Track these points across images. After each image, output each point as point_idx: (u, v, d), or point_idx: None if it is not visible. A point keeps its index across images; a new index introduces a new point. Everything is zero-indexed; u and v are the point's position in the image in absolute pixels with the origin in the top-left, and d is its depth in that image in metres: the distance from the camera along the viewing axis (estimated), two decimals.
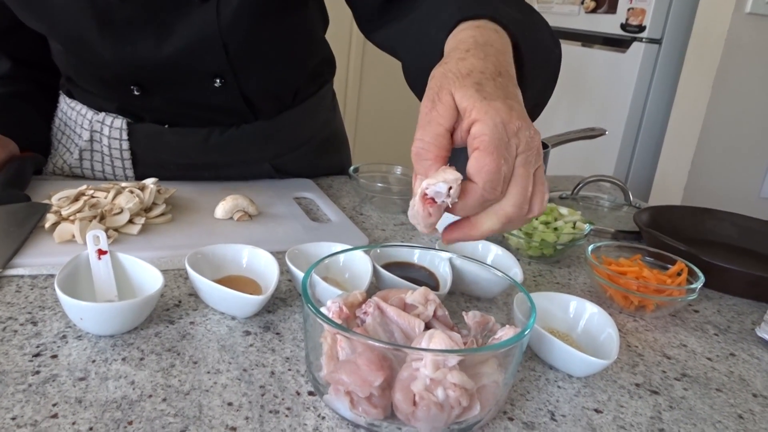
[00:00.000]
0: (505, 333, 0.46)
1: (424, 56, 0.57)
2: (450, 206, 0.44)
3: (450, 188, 0.42)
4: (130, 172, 0.90)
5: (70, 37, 0.79)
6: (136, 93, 0.83)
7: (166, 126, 0.88)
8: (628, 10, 2.41)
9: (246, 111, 0.90)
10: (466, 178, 0.43)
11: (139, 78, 0.82)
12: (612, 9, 2.49)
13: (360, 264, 0.60)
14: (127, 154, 0.88)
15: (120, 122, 0.87)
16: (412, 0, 0.68)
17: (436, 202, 0.43)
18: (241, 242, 0.64)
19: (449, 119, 0.44)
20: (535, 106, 0.61)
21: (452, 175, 0.42)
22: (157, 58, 0.78)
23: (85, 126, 0.89)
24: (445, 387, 0.40)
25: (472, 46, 0.48)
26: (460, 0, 0.57)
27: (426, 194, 0.43)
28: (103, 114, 0.87)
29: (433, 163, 0.44)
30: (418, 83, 0.60)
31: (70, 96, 0.92)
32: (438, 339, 0.42)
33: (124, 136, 0.87)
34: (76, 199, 0.72)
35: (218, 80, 0.83)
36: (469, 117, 0.43)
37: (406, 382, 0.41)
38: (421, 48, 0.60)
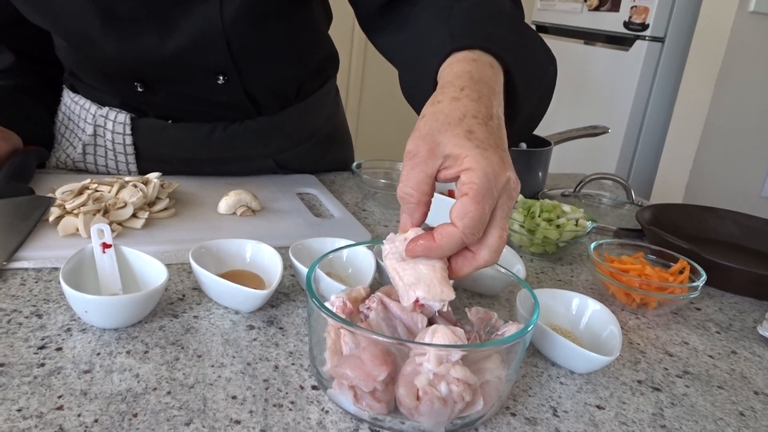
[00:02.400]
0: (508, 329, 0.46)
1: (417, 79, 0.58)
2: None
3: (444, 305, 0.45)
4: (133, 167, 0.90)
5: (73, 32, 0.79)
6: (139, 89, 0.83)
7: (170, 121, 0.89)
8: (631, 8, 2.41)
9: (249, 107, 0.90)
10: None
11: (142, 74, 0.82)
12: (615, 7, 2.49)
13: (363, 259, 0.60)
14: (130, 149, 0.89)
15: (123, 117, 0.87)
16: (411, 5, 0.68)
17: (423, 306, 0.46)
18: (245, 237, 0.64)
19: (433, 167, 0.45)
20: (529, 120, 0.61)
21: (448, 295, 0.45)
22: (160, 55, 0.78)
23: (89, 120, 0.89)
24: (449, 382, 0.40)
25: (467, 83, 0.49)
26: (453, 23, 0.57)
27: (419, 301, 0.45)
28: (106, 108, 0.87)
29: (416, 206, 0.46)
30: (411, 99, 0.61)
31: (74, 90, 0.92)
32: (441, 334, 0.43)
33: (128, 130, 0.87)
34: (80, 192, 0.72)
35: (221, 77, 0.83)
36: (461, 165, 0.44)
37: (410, 377, 0.41)
38: (414, 69, 0.61)
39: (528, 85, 0.56)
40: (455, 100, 0.47)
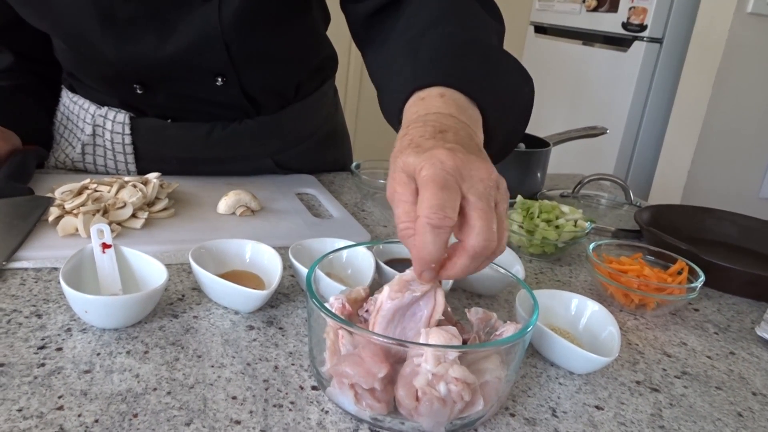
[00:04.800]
0: (506, 329, 0.46)
1: (388, 112, 0.60)
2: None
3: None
4: (132, 167, 0.90)
5: (72, 34, 0.79)
6: (138, 91, 0.83)
7: (169, 121, 0.89)
8: (630, 9, 2.41)
9: (248, 107, 0.90)
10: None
11: (141, 76, 0.82)
12: (613, 8, 2.49)
13: (363, 260, 0.60)
14: (129, 149, 0.89)
15: (123, 117, 0.87)
16: (394, 20, 0.68)
17: None
18: (244, 237, 0.64)
19: (410, 193, 0.44)
20: (505, 144, 0.61)
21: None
22: (159, 57, 0.78)
23: (88, 120, 0.89)
24: (447, 381, 0.40)
25: (412, 121, 0.50)
26: (420, 58, 0.57)
27: None
28: (105, 108, 0.87)
29: (416, 239, 0.44)
30: (387, 119, 0.62)
31: (73, 90, 0.92)
32: (435, 335, 0.43)
33: (127, 130, 0.87)
34: (80, 192, 0.72)
35: (220, 79, 0.83)
36: (418, 174, 0.44)
37: (409, 378, 0.41)
38: (385, 102, 0.62)
39: (499, 113, 0.56)
40: (403, 136, 0.48)
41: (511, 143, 0.63)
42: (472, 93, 0.53)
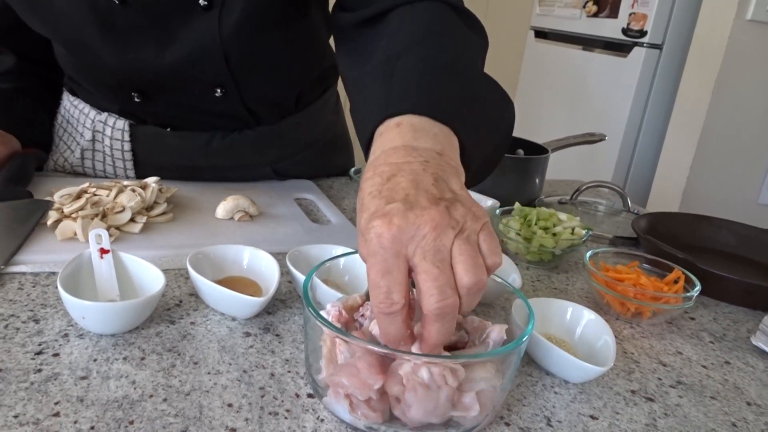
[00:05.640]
0: (492, 330, 0.47)
1: (358, 132, 0.58)
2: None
3: None
4: (131, 173, 0.91)
5: (72, 40, 0.79)
6: (136, 100, 0.83)
7: (169, 129, 0.89)
8: (630, 14, 2.42)
9: (248, 117, 0.90)
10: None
11: (140, 85, 0.82)
12: (613, 13, 2.50)
13: (360, 267, 0.60)
14: (128, 155, 0.89)
15: (122, 123, 0.87)
16: (376, 37, 0.67)
17: None
18: (242, 243, 0.64)
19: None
20: (484, 167, 0.60)
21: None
22: (158, 66, 0.78)
23: (88, 125, 0.89)
24: (428, 366, 0.40)
25: (367, 168, 0.48)
26: (393, 84, 0.55)
27: None
28: (105, 114, 0.88)
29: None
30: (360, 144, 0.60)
31: (74, 94, 0.92)
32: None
33: (126, 137, 0.88)
34: (79, 196, 0.72)
35: (219, 90, 0.83)
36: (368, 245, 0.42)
37: (396, 368, 0.41)
38: (357, 124, 0.60)
39: (476, 137, 0.54)
40: (361, 190, 0.46)
41: (489, 167, 0.62)
42: (445, 118, 0.51)
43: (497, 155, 0.63)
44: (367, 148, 0.54)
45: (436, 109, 0.52)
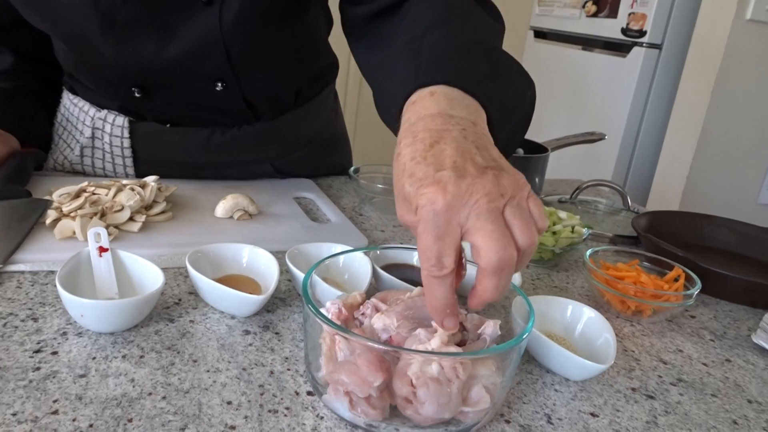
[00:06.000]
0: (487, 326, 0.47)
1: (385, 112, 0.59)
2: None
3: None
4: (130, 170, 0.90)
5: (72, 36, 0.79)
6: (137, 95, 0.83)
7: (168, 125, 0.89)
8: (629, 14, 2.42)
9: (247, 113, 0.90)
10: None
11: (140, 80, 0.82)
12: (613, 13, 2.50)
13: (360, 265, 0.60)
14: (128, 152, 0.89)
15: (122, 120, 0.87)
16: (393, 24, 0.68)
17: None
18: (241, 241, 0.64)
19: (414, 218, 0.44)
20: (506, 147, 0.60)
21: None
22: (159, 61, 0.78)
23: (87, 123, 0.89)
24: (438, 360, 0.40)
25: (403, 135, 0.48)
26: (422, 58, 0.56)
27: None
28: (105, 111, 0.88)
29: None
30: (386, 123, 0.61)
31: (73, 92, 0.92)
32: (424, 338, 0.43)
33: (126, 134, 0.88)
34: (77, 195, 0.72)
35: (220, 84, 0.83)
36: (415, 211, 0.43)
37: (403, 370, 0.41)
38: (384, 100, 0.60)
39: (503, 114, 0.55)
40: (398, 155, 0.47)
41: (510, 147, 0.62)
42: (476, 91, 0.52)
43: (519, 135, 0.63)
44: (396, 120, 0.54)
45: (467, 81, 0.52)
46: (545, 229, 0.45)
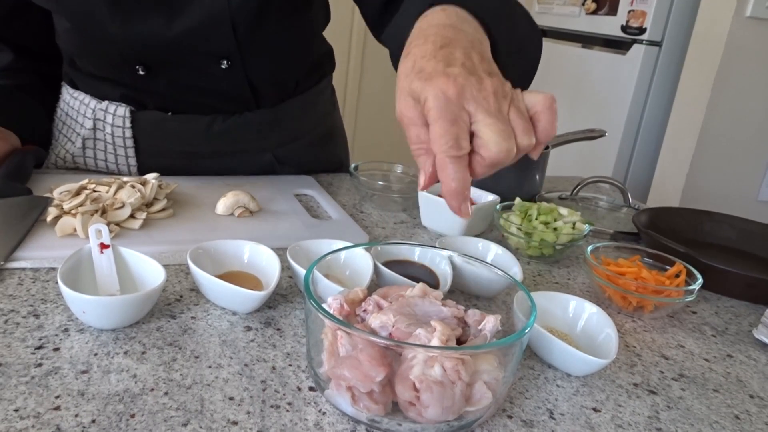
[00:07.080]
0: (488, 321, 0.47)
1: (397, 44, 0.60)
2: None
3: None
4: (132, 161, 0.90)
5: (78, 12, 0.78)
6: (141, 73, 0.83)
7: (169, 113, 0.89)
8: (629, 12, 2.42)
9: (249, 97, 0.90)
10: None
11: (145, 57, 0.82)
12: (613, 11, 2.50)
13: (361, 261, 0.60)
14: (130, 143, 0.89)
15: (123, 110, 0.87)
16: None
17: None
18: (242, 238, 0.64)
19: (418, 116, 0.47)
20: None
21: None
22: (166, 37, 0.78)
23: (88, 115, 0.89)
24: (440, 362, 0.40)
25: (414, 37, 0.52)
26: None
27: None
28: (106, 102, 0.87)
29: (426, 157, 0.47)
30: (395, 60, 0.63)
31: (73, 86, 0.92)
32: (425, 335, 0.43)
33: (127, 123, 0.87)
34: (78, 193, 0.72)
35: (225, 62, 0.83)
36: (423, 103, 0.46)
37: (405, 373, 0.41)
38: (396, 36, 0.63)
39: (510, 50, 0.57)
40: (406, 55, 0.50)
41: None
42: (484, 17, 0.55)
43: (525, 81, 0.65)
44: (410, 28, 0.56)
45: (477, 6, 0.55)
46: (554, 135, 0.49)
